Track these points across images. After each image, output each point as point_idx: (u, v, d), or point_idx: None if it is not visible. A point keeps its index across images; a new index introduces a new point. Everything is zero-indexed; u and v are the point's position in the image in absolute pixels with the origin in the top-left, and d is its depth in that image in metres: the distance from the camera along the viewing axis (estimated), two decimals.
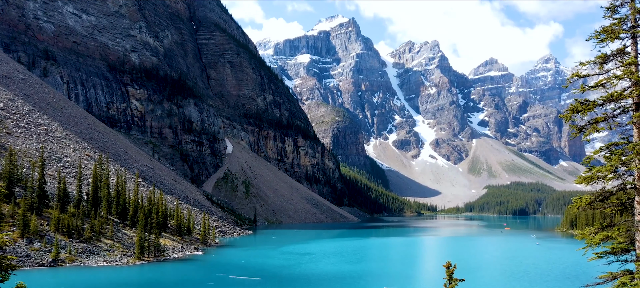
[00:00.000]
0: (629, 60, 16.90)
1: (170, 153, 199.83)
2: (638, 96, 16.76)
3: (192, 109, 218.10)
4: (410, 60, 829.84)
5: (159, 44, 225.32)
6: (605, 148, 17.68)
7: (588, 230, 17.82)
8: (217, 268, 77.42)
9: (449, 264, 19.89)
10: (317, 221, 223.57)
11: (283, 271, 75.89)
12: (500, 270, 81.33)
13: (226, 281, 64.84)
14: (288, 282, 67.82)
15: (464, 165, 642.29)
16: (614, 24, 17.18)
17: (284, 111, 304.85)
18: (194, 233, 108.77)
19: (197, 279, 66.98)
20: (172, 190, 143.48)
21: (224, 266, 79.68)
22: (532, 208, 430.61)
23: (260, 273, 70.92)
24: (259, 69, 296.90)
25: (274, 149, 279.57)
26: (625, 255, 17.42)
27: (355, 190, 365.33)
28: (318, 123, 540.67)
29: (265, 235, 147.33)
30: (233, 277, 67.63)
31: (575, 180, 18.92)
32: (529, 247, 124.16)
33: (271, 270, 76.58)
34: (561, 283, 66.45)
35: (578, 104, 17.47)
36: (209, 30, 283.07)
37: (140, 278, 65.73)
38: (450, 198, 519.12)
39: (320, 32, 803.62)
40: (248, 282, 64.52)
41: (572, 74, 17.99)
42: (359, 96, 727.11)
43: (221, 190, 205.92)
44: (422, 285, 71.22)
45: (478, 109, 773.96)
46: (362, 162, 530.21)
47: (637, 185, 16.80)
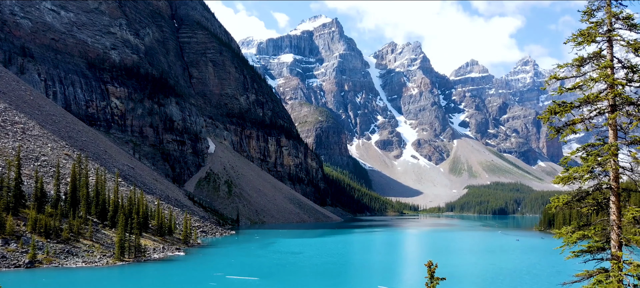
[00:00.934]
0: (605, 63, 17.35)
1: (152, 152, 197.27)
2: (613, 98, 17.22)
3: (173, 107, 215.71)
4: (392, 61, 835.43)
5: (139, 41, 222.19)
6: (582, 149, 18.10)
7: (565, 230, 18.22)
8: (199, 268, 76.80)
9: (430, 263, 20.13)
10: (300, 221, 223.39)
11: (270, 270, 75.70)
12: (483, 267, 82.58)
13: (223, 281, 64.62)
14: (283, 281, 67.88)
15: (445, 165, 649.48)
16: (590, 28, 17.62)
17: (267, 111, 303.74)
18: (175, 234, 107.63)
19: (178, 279, 66.31)
20: (153, 190, 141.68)
21: (206, 266, 79.10)
22: (512, 208, 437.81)
23: (244, 273, 70.61)
24: (241, 68, 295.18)
25: (257, 149, 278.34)
26: (601, 254, 17.82)
27: (338, 190, 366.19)
28: (301, 123, 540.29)
29: (248, 235, 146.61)
30: (230, 277, 67.39)
31: (553, 181, 19.35)
32: (511, 244, 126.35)
33: (256, 269, 76.30)
34: (541, 280, 67.78)
35: (556, 105, 17.86)
36: (191, 29, 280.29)
37: (121, 279, 64.80)
38: (432, 198, 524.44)
39: (304, 32, 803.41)
40: (246, 281, 64.45)
41: (550, 76, 18.38)
42: (342, 96, 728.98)
43: (203, 190, 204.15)
44: (414, 283, 71.80)
45: (459, 109, 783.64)
46: (345, 162, 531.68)
47: (613, 185, 17.25)
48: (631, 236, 16.68)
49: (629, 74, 17.15)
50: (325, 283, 67.96)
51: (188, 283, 63.43)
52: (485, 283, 67.90)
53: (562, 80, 18.25)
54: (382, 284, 63.65)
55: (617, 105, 17.27)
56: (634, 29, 17.20)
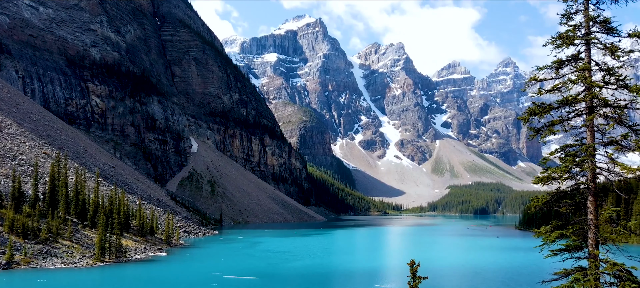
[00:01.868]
0: (583, 65, 17.77)
1: (133, 151, 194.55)
2: (591, 100, 17.64)
3: (155, 106, 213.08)
4: (376, 61, 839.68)
5: (120, 39, 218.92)
6: (561, 149, 18.48)
7: (544, 229, 18.58)
8: (182, 269, 76.11)
9: (412, 262, 20.33)
10: (283, 221, 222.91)
11: (259, 270, 75.37)
12: (464, 265, 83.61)
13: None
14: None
15: (428, 165, 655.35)
16: (569, 31, 18.01)
17: (251, 110, 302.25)
18: (157, 234, 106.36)
19: (161, 280, 65.60)
20: (135, 190, 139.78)
21: (189, 267, 78.40)
22: (492, 208, 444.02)
23: (229, 273, 70.21)
24: (225, 66, 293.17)
25: (240, 148, 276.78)
26: (578, 253, 18.20)
27: (322, 190, 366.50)
28: (285, 122, 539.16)
29: (231, 235, 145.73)
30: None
31: (532, 181, 19.71)
32: (492, 242, 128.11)
33: (241, 269, 75.89)
34: (521, 278, 68.93)
35: (535, 107, 18.21)
36: (174, 27, 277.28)
37: (101, 280, 63.79)
38: (415, 198, 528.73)
39: (288, 31, 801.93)
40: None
41: (530, 78, 18.74)
42: (326, 96, 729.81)
43: (186, 189, 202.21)
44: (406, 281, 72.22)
45: (441, 110, 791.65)
46: (328, 161, 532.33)
47: (590, 185, 17.65)
48: (608, 235, 17.09)
49: (605, 77, 17.58)
50: (322, 283, 68.19)
51: (171, 284, 62.83)
52: (466, 281, 68.77)
53: (541, 82, 18.62)
54: (378, 283, 64.13)
55: (595, 107, 17.69)
56: (610, 32, 17.65)
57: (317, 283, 67.43)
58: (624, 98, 17.45)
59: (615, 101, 17.45)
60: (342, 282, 69.65)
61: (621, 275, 16.53)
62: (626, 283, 16.28)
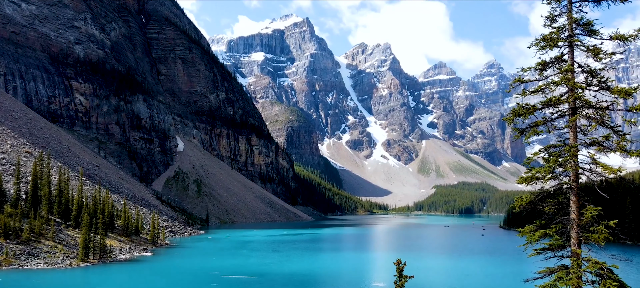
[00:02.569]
0: (566, 67, 18.04)
1: (118, 150, 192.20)
2: (573, 102, 17.91)
3: (141, 105, 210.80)
4: (363, 61, 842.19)
5: (105, 36, 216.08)
6: (544, 150, 18.73)
7: (528, 228, 18.83)
8: (167, 269, 75.47)
9: (399, 262, 20.44)
10: (270, 220, 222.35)
11: (246, 270, 75.05)
12: (450, 263, 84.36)
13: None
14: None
15: (414, 165, 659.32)
16: (552, 33, 18.27)
17: (238, 109, 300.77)
18: (142, 234, 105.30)
19: (144, 281, 64.95)
20: (120, 189, 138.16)
21: (174, 267, 77.81)
22: (478, 207, 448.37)
23: (217, 272, 69.81)
24: (211, 65, 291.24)
25: (227, 148, 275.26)
26: (561, 252, 18.46)
27: (309, 190, 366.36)
28: (272, 122, 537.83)
29: (217, 234, 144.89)
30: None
31: (516, 180, 19.96)
32: (479, 239, 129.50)
33: (230, 268, 75.53)
34: (505, 277, 69.78)
35: (520, 107, 18.44)
36: (160, 24, 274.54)
37: (84, 281, 62.92)
38: (401, 198, 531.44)
39: (275, 30, 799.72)
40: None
41: (514, 79, 18.98)
42: (313, 96, 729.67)
43: (172, 189, 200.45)
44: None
45: (427, 111, 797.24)
46: (316, 161, 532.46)
47: (573, 185, 17.93)
48: (590, 234, 17.36)
49: (588, 78, 17.86)
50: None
51: (158, 284, 62.25)
52: (451, 279, 69.36)
53: (526, 83, 18.85)
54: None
55: (577, 108, 17.97)
56: (593, 34, 17.94)
57: (311, 282, 67.61)
58: (605, 99, 17.76)
59: (598, 103, 17.74)
60: (339, 280, 69.74)
61: (603, 274, 16.81)
62: (608, 281, 16.55)
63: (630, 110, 17.25)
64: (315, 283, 67.45)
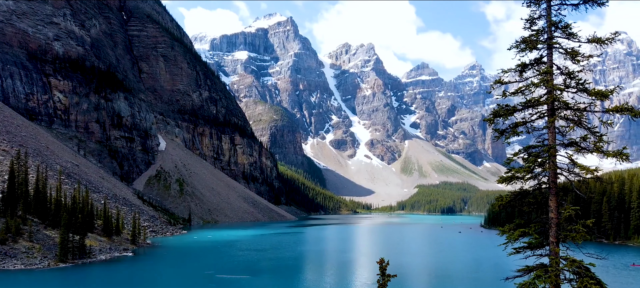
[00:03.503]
0: (545, 69, 18.36)
1: (98, 149, 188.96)
2: (552, 103, 18.25)
3: (122, 102, 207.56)
4: (346, 61, 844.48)
5: (85, 33, 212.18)
6: (524, 150, 19.04)
7: (508, 227, 19.10)
8: (148, 269, 74.56)
9: (382, 261, 20.56)
10: (254, 220, 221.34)
11: (229, 269, 74.57)
12: (432, 261, 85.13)
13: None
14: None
15: (397, 165, 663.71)
16: (532, 35, 18.58)
17: (221, 108, 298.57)
18: (123, 234, 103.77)
19: (125, 282, 64.02)
20: (100, 188, 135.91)
21: (155, 267, 76.91)
22: (459, 207, 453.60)
23: (190, 272, 69.19)
24: (194, 63, 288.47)
25: (210, 147, 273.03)
26: (540, 250, 18.77)
27: (293, 189, 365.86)
28: (256, 121, 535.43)
29: (200, 234, 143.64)
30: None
31: (497, 180, 20.25)
32: (457, 239, 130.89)
33: (211, 268, 74.96)
34: (485, 275, 70.70)
35: (500, 108, 18.71)
36: (141, 22, 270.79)
37: (62, 282, 61.73)
38: (384, 197, 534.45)
39: (258, 29, 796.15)
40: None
41: (495, 81, 19.25)
42: (297, 95, 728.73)
43: (153, 188, 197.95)
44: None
45: (410, 111, 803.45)
46: (299, 161, 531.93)
47: (551, 185, 18.26)
48: (568, 233, 17.70)
49: (566, 80, 18.21)
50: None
51: (137, 285, 61.43)
52: (433, 278, 70.03)
53: (506, 85, 19.14)
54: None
55: (556, 110, 18.30)
56: (571, 37, 18.29)
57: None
58: (583, 101, 18.12)
59: (575, 104, 18.10)
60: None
61: (580, 272, 17.15)
62: (585, 279, 16.89)
63: (607, 111, 17.64)
64: (308, 282, 67.60)
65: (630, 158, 17.57)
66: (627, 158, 17.29)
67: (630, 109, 17.02)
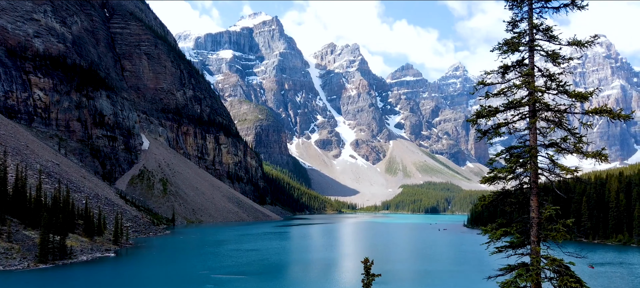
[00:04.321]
0: (527, 71, 18.65)
1: (79, 148, 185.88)
2: (533, 104, 18.55)
3: (104, 101, 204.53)
4: (332, 61, 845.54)
5: (66, 30, 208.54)
6: (506, 151, 19.30)
7: (490, 227, 19.35)
8: (131, 270, 73.62)
9: (366, 260, 20.66)
10: (239, 220, 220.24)
11: (213, 270, 74.03)
12: (416, 260, 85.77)
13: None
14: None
15: (382, 165, 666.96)
16: (514, 38, 18.86)
17: (205, 107, 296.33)
18: (105, 234, 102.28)
19: (107, 283, 63.08)
20: (81, 188, 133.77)
21: (138, 268, 75.99)
22: (443, 206, 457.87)
23: (182, 273, 68.58)
24: (178, 62, 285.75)
25: (194, 146, 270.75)
26: (521, 249, 19.04)
27: (278, 189, 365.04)
28: (241, 120, 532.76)
29: (184, 234, 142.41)
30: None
31: (479, 180, 20.51)
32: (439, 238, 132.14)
33: (193, 269, 74.32)
34: (468, 274, 71.49)
35: (483, 109, 18.94)
36: (124, 19, 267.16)
37: (42, 284, 60.59)
38: (369, 197, 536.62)
39: (243, 28, 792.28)
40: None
41: (478, 82, 19.49)
42: (282, 95, 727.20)
43: (136, 188, 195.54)
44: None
45: (395, 111, 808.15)
46: (285, 160, 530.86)
47: (533, 185, 18.55)
48: (548, 232, 17.99)
49: (547, 82, 18.52)
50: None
51: (119, 286, 60.59)
52: (416, 277, 70.55)
53: (489, 86, 19.37)
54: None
55: (537, 111, 18.60)
56: (552, 40, 18.61)
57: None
58: (563, 103, 18.45)
59: (556, 106, 18.42)
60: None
61: (560, 270, 17.45)
62: (565, 277, 17.19)
63: (586, 113, 18.00)
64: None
65: (608, 159, 17.94)
66: (605, 159, 17.66)
67: (608, 111, 17.38)
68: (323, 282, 65.63)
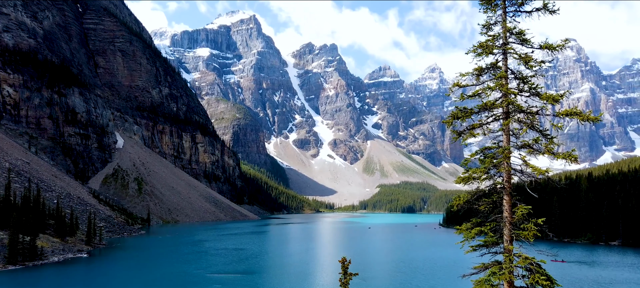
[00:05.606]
0: (500, 73, 19.06)
1: (50, 146, 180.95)
2: (507, 106, 18.97)
3: (76, 98, 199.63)
4: (310, 61, 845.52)
5: (37, 25, 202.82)
6: (480, 152, 19.67)
7: (465, 226, 19.68)
8: (104, 271, 72.10)
9: (344, 259, 20.75)
10: (216, 219, 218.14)
11: (182, 269, 73.04)
12: (392, 260, 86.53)
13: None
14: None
15: (359, 165, 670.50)
16: (488, 41, 19.24)
17: (182, 105, 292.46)
18: (78, 234, 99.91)
19: (79, 284, 61.65)
20: (52, 187, 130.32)
21: (111, 269, 74.46)
22: (419, 206, 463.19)
23: (156, 273, 67.54)
24: (154, 59, 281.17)
25: (170, 145, 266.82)
26: (495, 248, 19.41)
27: (256, 188, 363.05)
28: (218, 119, 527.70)
29: (159, 234, 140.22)
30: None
31: (455, 180, 20.83)
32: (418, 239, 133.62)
33: (167, 269, 73.27)
34: (442, 272, 72.55)
35: (458, 111, 19.26)
36: (98, 15, 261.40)
37: (11, 286, 58.78)
38: (347, 197, 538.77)
39: (221, 26, 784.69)
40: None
41: (453, 84, 19.81)
42: (260, 94, 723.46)
43: (110, 187, 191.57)
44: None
45: (372, 112, 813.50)
46: (262, 160, 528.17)
47: (506, 185, 18.96)
48: (521, 231, 18.41)
49: (520, 85, 18.96)
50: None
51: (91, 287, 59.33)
52: (393, 275, 71.22)
53: (464, 88, 19.72)
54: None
55: (510, 113, 19.02)
56: (525, 43, 19.06)
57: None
58: (535, 105, 18.91)
59: (528, 108, 18.87)
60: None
61: (532, 268, 17.87)
62: (536, 275, 17.61)
63: (557, 115, 18.49)
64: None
65: (578, 160, 18.47)
66: (575, 160, 18.18)
67: (578, 113, 17.91)
68: (305, 282, 65.62)
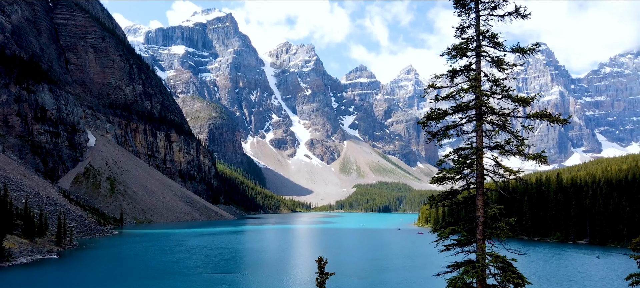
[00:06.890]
0: (474, 75, 19.46)
1: (18, 144, 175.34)
2: (480, 108, 19.37)
3: (46, 95, 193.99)
4: (287, 61, 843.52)
5: (5, 19, 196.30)
6: (454, 152, 20.04)
7: (439, 225, 20.02)
8: (75, 272, 70.36)
9: (320, 259, 20.83)
10: (191, 219, 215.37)
11: (154, 269, 71.87)
12: (368, 259, 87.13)
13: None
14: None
15: (336, 165, 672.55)
16: (462, 43, 19.62)
17: (156, 104, 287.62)
18: (47, 235, 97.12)
19: (48, 287, 59.94)
20: (20, 186, 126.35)
21: (82, 270, 72.73)
22: (394, 206, 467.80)
23: (128, 274, 66.24)
24: (127, 56, 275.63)
25: (144, 144, 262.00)
26: (468, 247, 19.79)
27: (232, 188, 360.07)
28: (193, 118, 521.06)
29: (131, 235, 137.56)
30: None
31: (429, 181, 21.16)
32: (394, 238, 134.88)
33: (138, 270, 71.96)
34: (418, 271, 73.49)
35: (433, 112, 19.58)
36: (69, 10, 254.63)
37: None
38: (323, 196, 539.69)
39: (196, 24, 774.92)
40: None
41: (428, 85, 20.13)
42: (237, 93, 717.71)
43: (82, 187, 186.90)
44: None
45: (349, 112, 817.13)
46: (239, 159, 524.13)
47: (478, 185, 19.36)
48: (493, 231, 18.82)
49: (492, 87, 19.40)
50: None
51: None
52: (369, 274, 71.75)
53: (438, 90, 20.03)
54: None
55: (483, 114, 19.44)
56: (498, 46, 19.51)
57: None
58: (507, 107, 19.38)
59: (500, 109, 19.32)
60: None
61: (503, 267, 18.31)
62: (508, 273, 18.04)
63: (528, 117, 18.99)
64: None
65: (548, 161, 19.00)
66: (545, 161, 18.71)
67: (548, 115, 18.44)
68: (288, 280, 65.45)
